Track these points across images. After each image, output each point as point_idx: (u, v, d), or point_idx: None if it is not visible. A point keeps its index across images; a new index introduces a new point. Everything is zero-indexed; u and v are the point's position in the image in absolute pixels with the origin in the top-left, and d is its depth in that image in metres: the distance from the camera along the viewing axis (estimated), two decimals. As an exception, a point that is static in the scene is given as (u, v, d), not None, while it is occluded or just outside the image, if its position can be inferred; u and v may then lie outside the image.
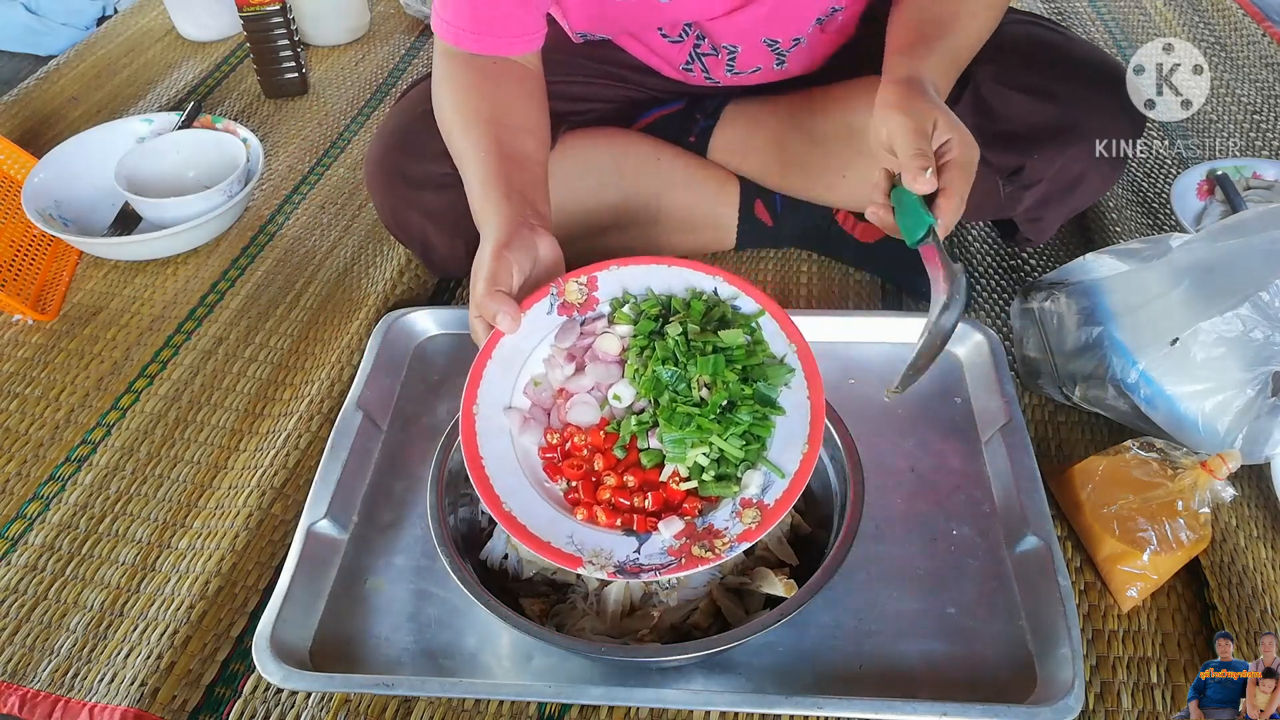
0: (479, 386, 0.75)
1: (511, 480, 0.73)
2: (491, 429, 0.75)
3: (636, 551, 0.69)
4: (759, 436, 0.72)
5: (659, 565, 0.68)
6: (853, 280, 1.16)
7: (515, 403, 0.77)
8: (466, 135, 0.89)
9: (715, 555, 0.67)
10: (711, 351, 0.72)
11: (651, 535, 0.70)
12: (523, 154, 0.88)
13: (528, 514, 0.71)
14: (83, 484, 0.96)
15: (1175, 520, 0.80)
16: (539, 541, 0.69)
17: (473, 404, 0.75)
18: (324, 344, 1.11)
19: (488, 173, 0.84)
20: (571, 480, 0.74)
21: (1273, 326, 0.82)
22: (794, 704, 0.71)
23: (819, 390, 0.72)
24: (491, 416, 0.75)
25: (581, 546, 0.69)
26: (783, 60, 1.03)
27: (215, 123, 1.37)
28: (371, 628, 0.80)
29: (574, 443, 0.75)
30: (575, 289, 0.79)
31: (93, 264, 1.25)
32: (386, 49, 1.73)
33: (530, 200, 0.83)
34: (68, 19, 1.90)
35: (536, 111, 0.94)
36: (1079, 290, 0.94)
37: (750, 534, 0.68)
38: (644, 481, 0.73)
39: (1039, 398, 0.99)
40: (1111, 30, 1.66)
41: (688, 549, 0.69)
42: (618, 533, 0.71)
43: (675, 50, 1.05)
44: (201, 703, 0.78)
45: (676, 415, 0.71)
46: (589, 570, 0.68)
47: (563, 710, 0.76)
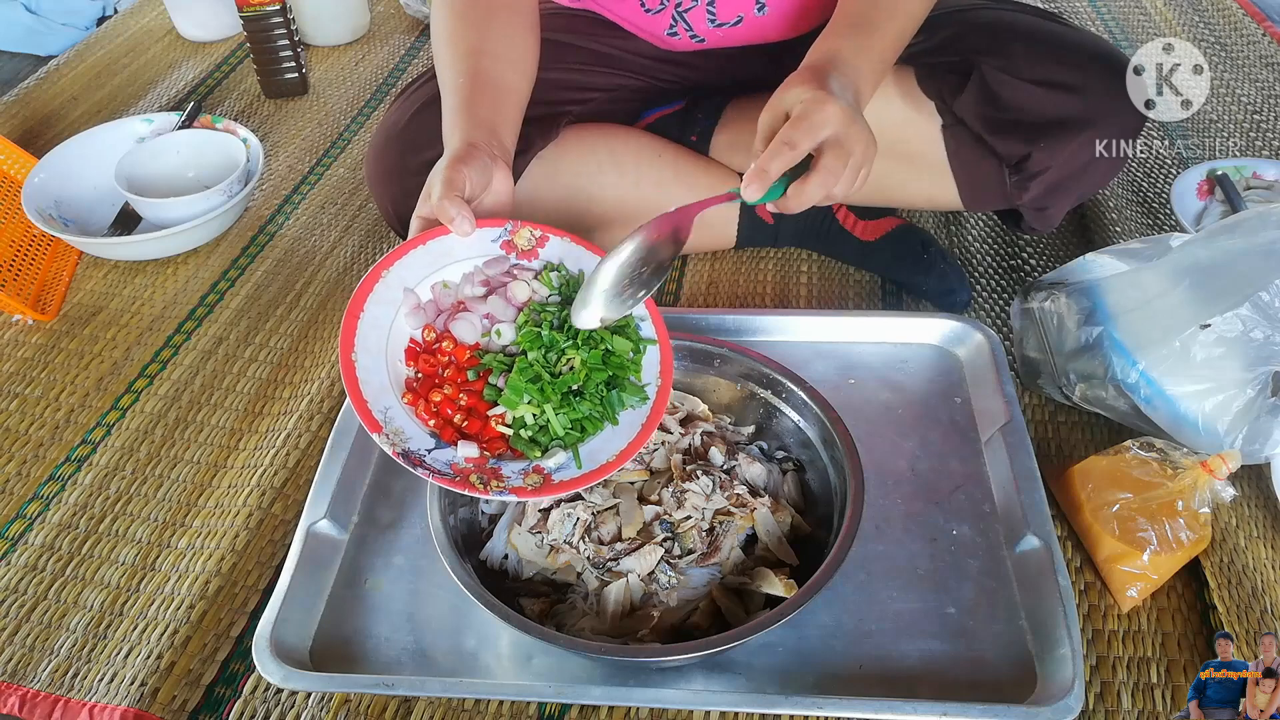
0: (400, 259, 0.79)
1: (372, 341, 0.76)
2: (385, 297, 0.78)
3: (428, 451, 0.73)
4: (585, 430, 0.76)
5: (435, 470, 0.72)
6: (853, 280, 1.16)
7: (419, 290, 0.80)
8: (450, 64, 0.90)
9: (482, 490, 0.72)
10: (598, 345, 0.76)
11: (448, 447, 0.74)
12: (501, 84, 0.88)
13: (366, 373, 0.74)
14: (83, 484, 0.97)
15: (1175, 520, 0.80)
16: (360, 397, 0.73)
17: (384, 268, 0.78)
18: (324, 344, 1.11)
19: (460, 100, 0.86)
20: (419, 371, 0.78)
21: (1273, 326, 0.82)
22: (794, 704, 0.71)
23: (647, 432, 0.76)
24: (393, 286, 0.78)
25: (388, 420, 0.73)
26: (762, 5, 1.02)
27: (215, 123, 1.37)
28: (371, 628, 0.80)
29: (441, 348, 0.79)
30: (526, 236, 0.82)
31: (93, 264, 1.25)
32: (386, 49, 1.73)
33: (496, 132, 0.85)
34: (68, 19, 1.90)
35: (522, 43, 0.94)
36: (1079, 290, 0.94)
37: (521, 491, 0.72)
38: (472, 407, 0.76)
39: (1039, 398, 0.99)
40: (1111, 30, 1.66)
41: (466, 474, 0.73)
42: (425, 429, 0.75)
43: (657, 20, 1.05)
44: (201, 703, 0.78)
45: (530, 371, 0.75)
46: (380, 440, 0.71)
47: (563, 710, 0.76)
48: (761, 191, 0.73)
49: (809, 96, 0.74)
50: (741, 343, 0.96)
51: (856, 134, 0.74)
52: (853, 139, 0.74)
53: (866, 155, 0.75)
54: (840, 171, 0.73)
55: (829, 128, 0.73)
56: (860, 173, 0.75)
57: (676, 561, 0.77)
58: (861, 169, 0.75)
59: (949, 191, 1.06)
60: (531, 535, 0.80)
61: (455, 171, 0.78)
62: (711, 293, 1.15)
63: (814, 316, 1.04)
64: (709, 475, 0.81)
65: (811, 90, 0.74)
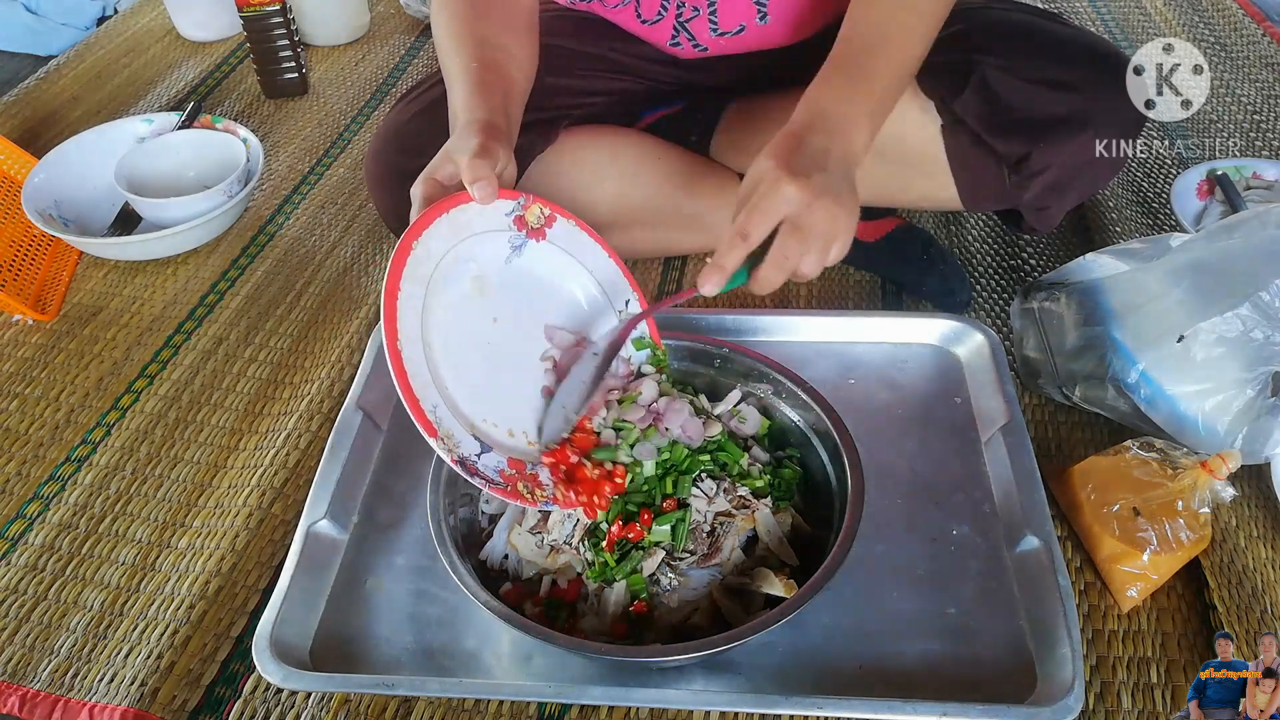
0: (427, 229, 0.75)
1: (410, 325, 0.73)
2: (416, 274, 0.74)
3: (478, 456, 0.74)
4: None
5: (489, 479, 0.73)
6: (853, 280, 1.16)
7: (443, 265, 0.77)
8: (457, 50, 0.89)
9: (531, 501, 0.74)
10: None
11: (490, 451, 0.75)
12: (506, 76, 0.88)
13: (413, 365, 0.72)
14: (83, 484, 0.97)
15: (1175, 520, 0.80)
16: (412, 396, 0.71)
17: (413, 239, 0.74)
18: (324, 344, 1.11)
19: (473, 83, 0.84)
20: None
21: (1273, 326, 0.82)
22: (794, 704, 0.71)
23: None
24: (422, 261, 0.75)
25: (439, 421, 0.72)
26: (764, 14, 1.01)
27: (215, 123, 1.37)
28: (371, 628, 0.80)
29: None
30: (536, 213, 0.82)
31: (93, 264, 1.25)
32: (386, 49, 1.73)
33: (508, 118, 0.84)
34: (68, 19, 1.90)
35: (523, 42, 0.93)
36: (1079, 290, 0.94)
37: (565, 502, 0.76)
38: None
39: (1039, 398, 0.99)
40: (1111, 30, 1.66)
41: (514, 481, 0.74)
42: (469, 435, 0.74)
43: (656, 31, 1.05)
44: (201, 703, 0.78)
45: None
46: (437, 446, 0.71)
47: (563, 710, 0.76)
48: (720, 286, 0.73)
49: (768, 177, 0.72)
50: (741, 343, 0.96)
51: (819, 211, 0.71)
52: (812, 218, 0.71)
53: (833, 229, 0.72)
54: (797, 253, 0.72)
55: (782, 210, 0.71)
56: (834, 247, 0.73)
57: (677, 563, 0.77)
58: (834, 243, 0.73)
59: (949, 191, 1.06)
60: (531, 535, 0.80)
61: (490, 140, 0.77)
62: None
63: (814, 316, 1.04)
64: (715, 479, 0.81)
65: (772, 167, 0.72)
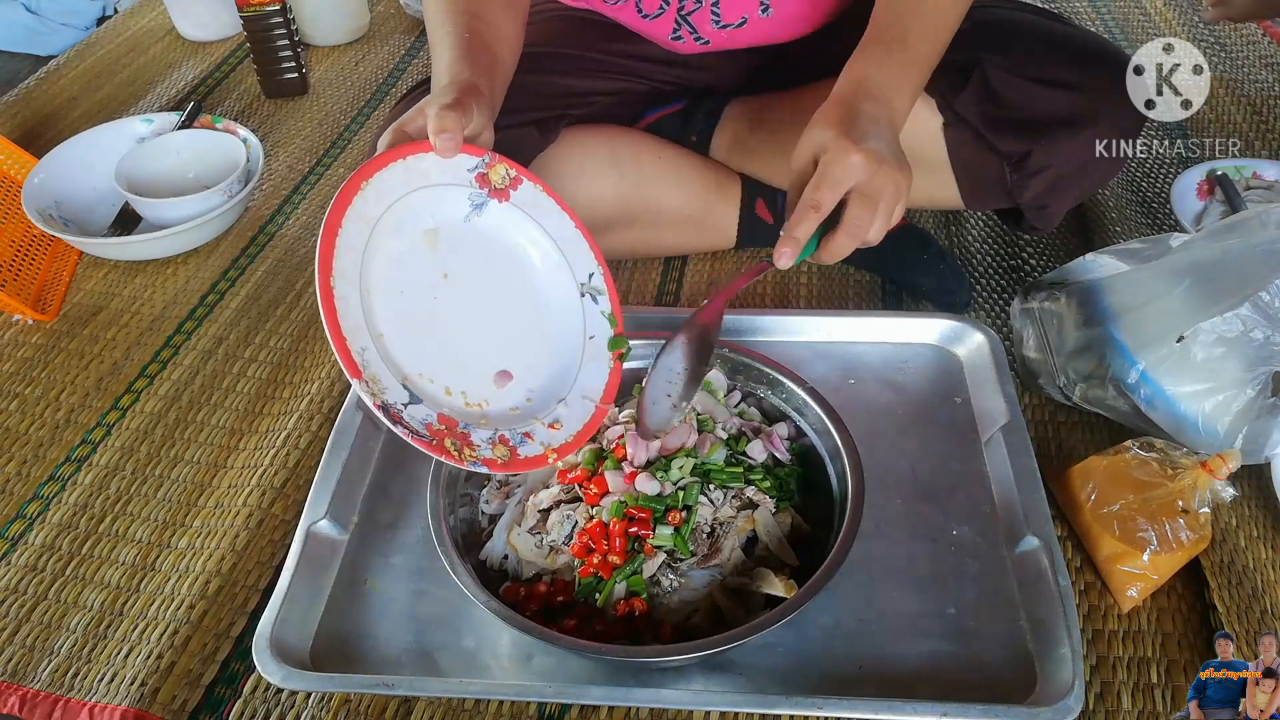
0: (379, 172, 0.73)
1: (347, 264, 0.71)
2: (362, 213, 0.72)
3: (404, 405, 0.72)
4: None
5: (413, 430, 0.71)
6: (853, 280, 1.16)
7: (394, 210, 0.75)
8: (447, 18, 0.88)
9: (458, 459, 0.73)
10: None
11: (420, 403, 0.73)
12: (494, 52, 0.88)
13: (344, 304, 0.70)
14: (83, 484, 0.96)
15: (1175, 520, 0.80)
16: (339, 334, 0.69)
17: (363, 179, 0.72)
18: (324, 343, 1.11)
19: (461, 50, 0.84)
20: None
21: (1273, 326, 0.82)
22: (794, 704, 0.71)
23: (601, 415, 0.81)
24: (370, 202, 0.73)
25: (365, 363, 0.70)
26: (766, 6, 1.01)
27: (215, 123, 1.37)
28: (371, 628, 0.80)
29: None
30: (501, 174, 0.80)
31: (93, 264, 1.25)
32: (386, 49, 1.73)
33: (492, 87, 0.83)
34: (68, 19, 1.90)
35: (512, 19, 0.93)
36: (1079, 290, 0.94)
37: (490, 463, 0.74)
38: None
39: (1039, 398, 0.99)
40: (1111, 30, 1.66)
41: (441, 436, 0.72)
42: (396, 379, 0.72)
43: (657, 26, 1.05)
44: (201, 703, 0.78)
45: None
46: (360, 387, 0.69)
47: (563, 710, 0.76)
48: (793, 258, 0.72)
49: (832, 147, 0.72)
50: (741, 343, 0.96)
51: (884, 177, 0.72)
52: (879, 184, 0.72)
53: (898, 194, 0.73)
54: (868, 221, 0.72)
55: (852, 179, 0.72)
56: (895, 211, 0.74)
57: (678, 564, 0.77)
58: (895, 207, 0.74)
59: (949, 190, 1.06)
60: (531, 536, 0.80)
61: (467, 96, 0.76)
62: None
63: (814, 316, 1.04)
64: (725, 489, 0.81)
65: (835, 136, 0.72)
